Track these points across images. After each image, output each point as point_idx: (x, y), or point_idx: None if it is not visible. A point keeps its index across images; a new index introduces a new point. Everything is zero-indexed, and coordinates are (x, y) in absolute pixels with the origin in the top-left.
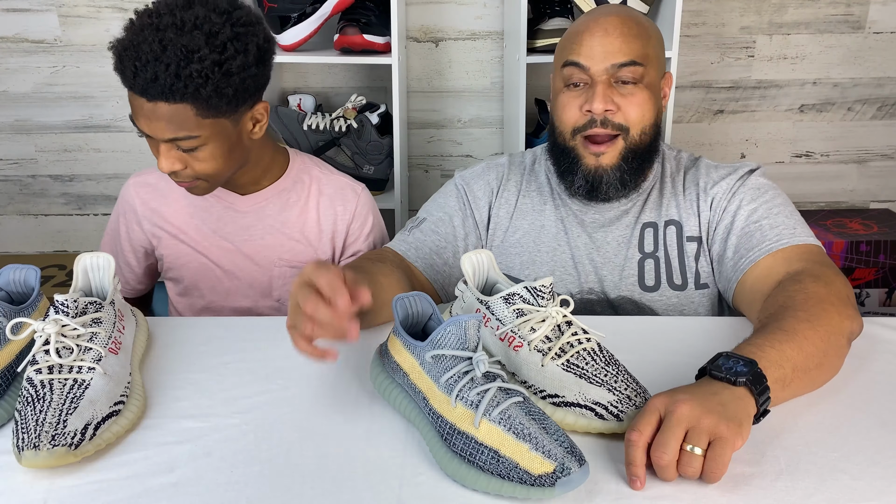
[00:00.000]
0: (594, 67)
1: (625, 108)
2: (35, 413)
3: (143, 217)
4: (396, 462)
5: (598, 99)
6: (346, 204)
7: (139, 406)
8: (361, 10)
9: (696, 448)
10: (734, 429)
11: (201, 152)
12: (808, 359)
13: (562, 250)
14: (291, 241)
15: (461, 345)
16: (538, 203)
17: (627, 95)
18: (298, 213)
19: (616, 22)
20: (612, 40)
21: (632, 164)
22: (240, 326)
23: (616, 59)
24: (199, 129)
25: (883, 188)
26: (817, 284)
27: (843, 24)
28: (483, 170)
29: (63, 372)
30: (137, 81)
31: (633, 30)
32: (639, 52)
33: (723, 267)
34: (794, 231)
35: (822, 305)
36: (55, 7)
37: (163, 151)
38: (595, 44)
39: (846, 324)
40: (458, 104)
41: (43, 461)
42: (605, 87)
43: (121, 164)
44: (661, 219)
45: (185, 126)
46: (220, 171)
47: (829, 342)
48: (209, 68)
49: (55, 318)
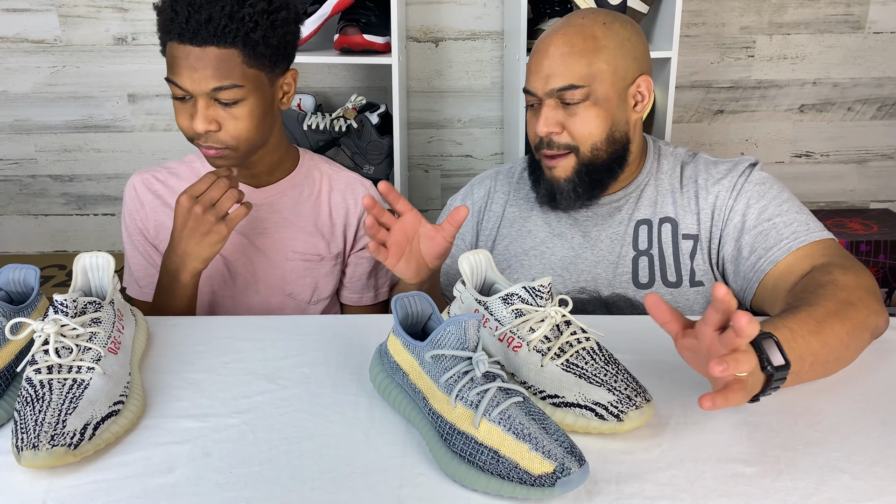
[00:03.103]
0: (538, 93)
1: (570, 128)
2: (34, 413)
3: (152, 209)
4: (396, 462)
5: (540, 123)
6: (356, 198)
7: (138, 406)
8: (361, 10)
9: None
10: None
11: (239, 108)
12: (830, 353)
13: (550, 253)
14: (305, 234)
15: (461, 345)
16: (525, 210)
17: (572, 115)
18: (311, 206)
19: (559, 42)
20: (550, 63)
21: (585, 177)
22: (240, 326)
23: (553, 84)
24: (244, 79)
25: (883, 188)
26: (847, 276)
27: (843, 24)
28: (467, 191)
29: (62, 372)
30: (190, 24)
31: (576, 48)
32: (579, 74)
33: (739, 267)
34: (808, 227)
35: (852, 299)
36: (55, 7)
37: (200, 108)
38: (538, 68)
39: (872, 319)
40: (457, 104)
41: (42, 461)
42: (550, 109)
43: (121, 164)
44: (656, 216)
45: (231, 73)
46: (251, 135)
47: (853, 336)
48: (259, 14)
49: (54, 318)
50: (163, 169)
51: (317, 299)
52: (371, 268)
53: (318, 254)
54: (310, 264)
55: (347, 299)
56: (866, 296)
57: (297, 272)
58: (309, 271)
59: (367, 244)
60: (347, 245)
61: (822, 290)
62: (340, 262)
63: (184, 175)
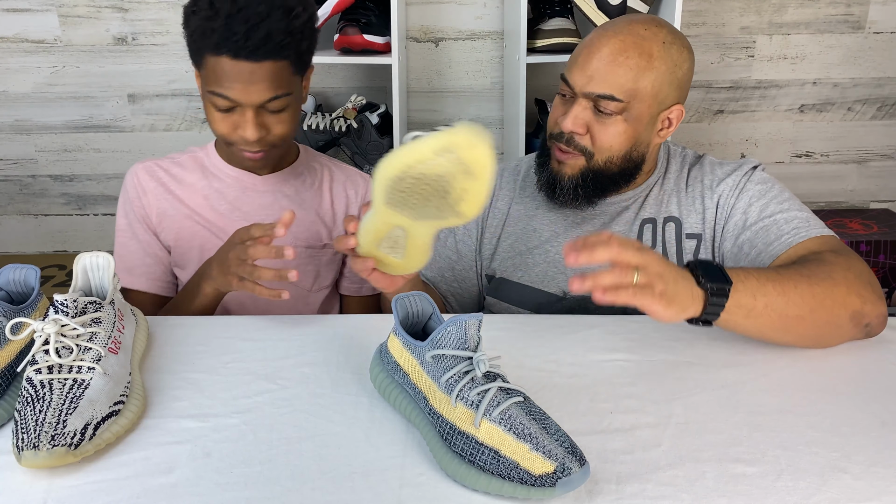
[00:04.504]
0: (576, 87)
1: (595, 134)
2: (35, 413)
3: (155, 196)
4: (397, 462)
5: (568, 119)
6: (357, 188)
7: (139, 406)
8: (361, 10)
9: (637, 275)
10: (665, 300)
11: (285, 112)
12: (789, 305)
13: (554, 252)
14: (308, 221)
15: (461, 344)
16: (531, 208)
17: (601, 122)
18: (313, 194)
19: (614, 47)
20: (598, 65)
21: (589, 182)
22: (240, 326)
23: (595, 89)
24: (291, 86)
25: (883, 188)
26: (838, 258)
27: (843, 24)
28: None
29: (63, 372)
30: (249, 42)
31: (630, 60)
32: (623, 88)
33: (740, 264)
34: (809, 224)
35: (832, 273)
36: (55, 7)
37: (250, 118)
38: (585, 65)
39: (853, 299)
40: (458, 104)
41: (43, 461)
42: (581, 108)
43: (121, 163)
44: (661, 215)
45: (284, 83)
46: (292, 133)
47: (823, 304)
48: (304, 24)
49: (55, 318)
50: (165, 159)
51: (318, 287)
52: None
53: (320, 241)
54: (312, 251)
55: (347, 289)
56: (853, 277)
57: (299, 259)
58: (311, 259)
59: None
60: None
61: (806, 261)
62: None
63: (187, 164)
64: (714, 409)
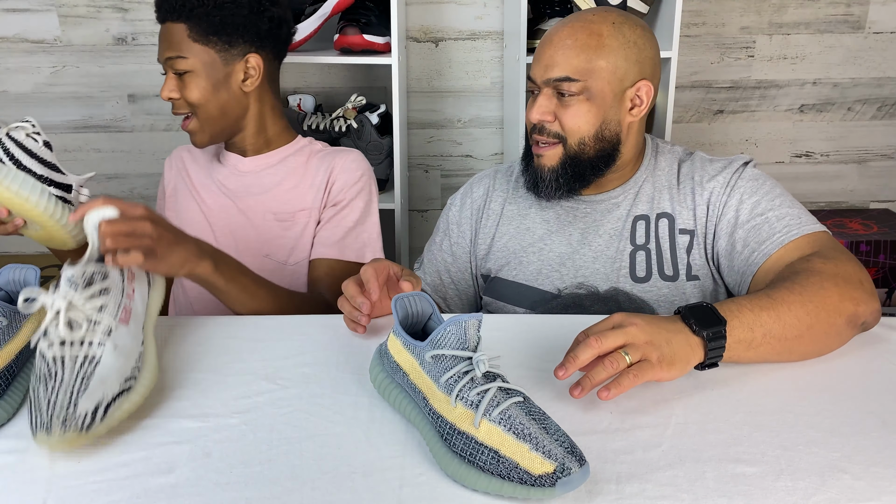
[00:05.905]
0: (536, 80)
1: (561, 118)
2: (47, 392)
3: (177, 172)
4: (397, 462)
5: (534, 110)
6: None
7: (150, 378)
8: (361, 10)
9: (628, 355)
10: (664, 364)
11: (190, 79)
12: (787, 328)
13: (548, 249)
14: (285, 195)
15: (461, 345)
16: (524, 208)
17: (565, 105)
18: (297, 172)
19: (565, 34)
20: (552, 53)
21: (569, 170)
22: (240, 326)
23: (551, 74)
24: (189, 52)
25: (883, 188)
26: (826, 264)
27: (843, 24)
28: (466, 190)
29: (74, 347)
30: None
31: (579, 42)
32: (577, 67)
33: (733, 262)
34: (800, 220)
35: (823, 283)
36: (55, 7)
37: (167, 79)
38: (540, 57)
39: (847, 304)
40: (457, 104)
41: (55, 444)
42: (545, 97)
43: (121, 164)
44: (654, 211)
45: (179, 46)
46: (204, 103)
47: (818, 318)
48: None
49: (64, 292)
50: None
51: (294, 261)
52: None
53: (294, 213)
54: (286, 224)
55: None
56: (843, 282)
57: (272, 233)
58: (286, 230)
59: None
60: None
61: (795, 275)
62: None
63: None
64: (714, 409)
